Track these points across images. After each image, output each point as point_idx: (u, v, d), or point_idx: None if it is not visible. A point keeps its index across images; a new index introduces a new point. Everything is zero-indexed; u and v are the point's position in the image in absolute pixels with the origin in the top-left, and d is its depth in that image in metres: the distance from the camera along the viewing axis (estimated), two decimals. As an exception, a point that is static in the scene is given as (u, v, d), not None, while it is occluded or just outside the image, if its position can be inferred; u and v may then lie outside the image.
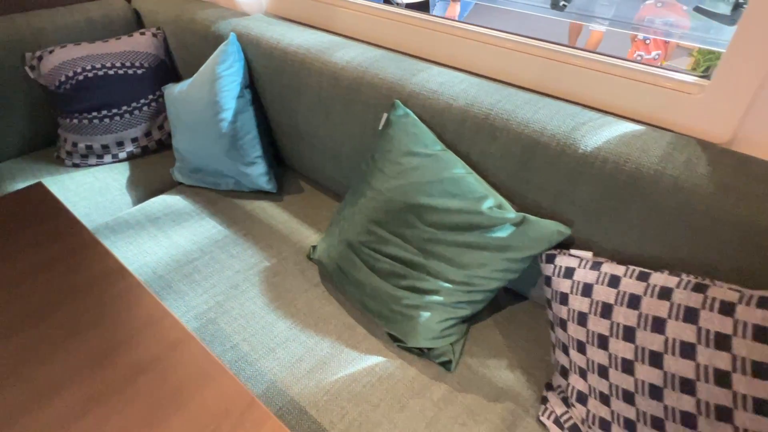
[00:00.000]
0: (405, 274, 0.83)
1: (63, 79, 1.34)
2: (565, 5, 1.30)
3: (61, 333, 0.63)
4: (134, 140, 1.42)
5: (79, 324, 0.64)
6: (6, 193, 1.26)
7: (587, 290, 0.72)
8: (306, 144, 1.21)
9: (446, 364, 0.82)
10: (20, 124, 1.41)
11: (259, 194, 1.27)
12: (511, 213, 0.79)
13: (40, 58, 1.35)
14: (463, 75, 0.94)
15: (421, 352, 0.85)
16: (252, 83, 1.26)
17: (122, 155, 1.42)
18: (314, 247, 1.03)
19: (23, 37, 1.35)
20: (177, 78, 1.56)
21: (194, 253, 1.07)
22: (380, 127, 0.95)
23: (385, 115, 0.94)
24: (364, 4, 1.17)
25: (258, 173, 1.22)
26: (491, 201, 0.80)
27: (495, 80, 0.94)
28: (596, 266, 0.73)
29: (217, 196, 1.26)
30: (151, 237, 1.12)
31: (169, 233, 1.13)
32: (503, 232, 0.79)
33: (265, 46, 1.17)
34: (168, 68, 1.50)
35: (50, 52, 1.35)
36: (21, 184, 1.30)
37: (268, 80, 1.21)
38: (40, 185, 0.92)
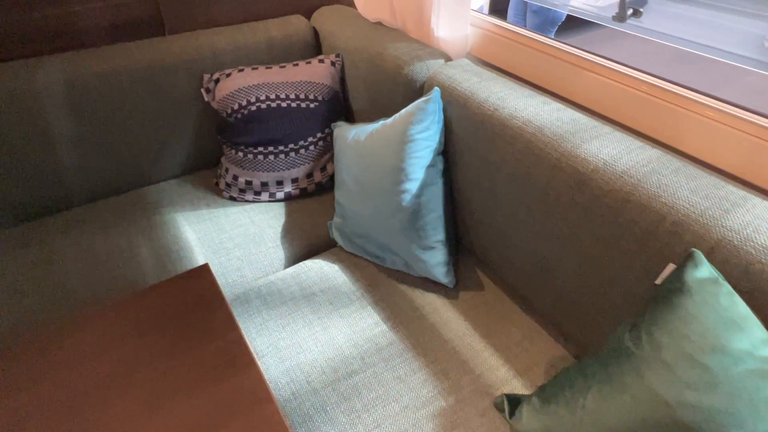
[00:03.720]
0: None
1: (236, 107, 1.22)
2: None
3: None
4: (294, 180, 1.27)
5: None
6: (166, 224, 1.19)
7: None
8: (502, 237, 0.95)
9: None
10: (188, 144, 1.34)
11: (429, 282, 1.04)
12: None
13: (216, 81, 1.25)
14: (822, 230, 0.60)
15: None
16: (445, 148, 1.02)
17: (279, 195, 1.28)
18: (510, 400, 0.78)
19: (203, 56, 1.26)
20: (346, 111, 1.38)
21: (354, 361, 0.87)
22: (658, 281, 0.65)
23: (670, 267, 0.64)
24: (626, 73, 0.86)
25: (436, 262, 0.99)
26: None
27: None
28: None
29: (380, 276, 1.06)
30: (306, 323, 0.94)
31: (326, 322, 0.95)
32: None
33: (475, 111, 0.92)
34: (340, 101, 1.33)
35: (227, 75, 1.25)
36: (179, 214, 1.23)
37: (468, 151, 0.96)
38: (206, 269, 0.77)
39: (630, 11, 0.93)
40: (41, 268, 1.06)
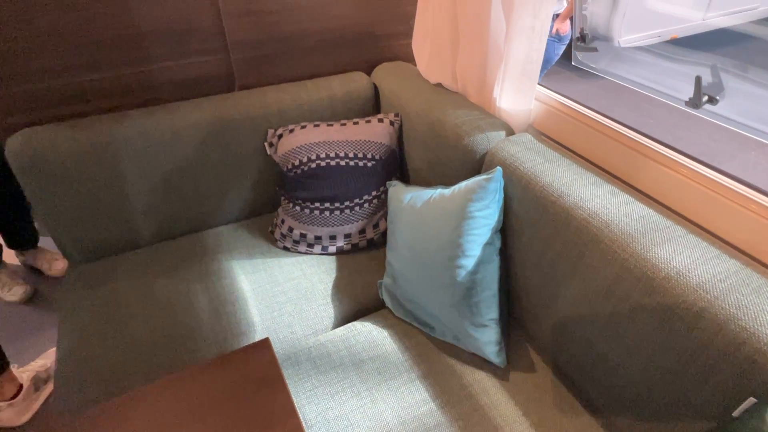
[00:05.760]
0: None
1: (296, 163, 1.26)
2: None
3: None
4: (347, 236, 1.30)
5: None
6: (223, 271, 1.24)
7: None
8: (559, 325, 0.93)
9: None
10: (247, 192, 1.40)
11: (479, 359, 1.03)
12: None
13: (279, 136, 1.30)
14: None
15: None
16: (504, 226, 1.02)
17: (331, 249, 1.31)
18: (564, 507, 0.75)
19: (269, 112, 1.31)
20: (402, 169, 1.40)
21: (402, 441, 0.87)
22: (735, 414, 0.62)
23: (751, 401, 0.61)
24: (696, 170, 0.83)
25: (487, 340, 0.98)
26: None
27: None
28: None
29: (429, 347, 1.05)
30: (354, 393, 0.95)
31: (375, 394, 0.95)
32: None
33: (537, 194, 0.92)
34: (396, 159, 1.35)
35: (290, 131, 1.30)
36: (235, 261, 1.27)
37: (528, 233, 0.95)
38: (267, 344, 0.80)
39: (705, 98, 0.91)
40: (106, 310, 1.12)
